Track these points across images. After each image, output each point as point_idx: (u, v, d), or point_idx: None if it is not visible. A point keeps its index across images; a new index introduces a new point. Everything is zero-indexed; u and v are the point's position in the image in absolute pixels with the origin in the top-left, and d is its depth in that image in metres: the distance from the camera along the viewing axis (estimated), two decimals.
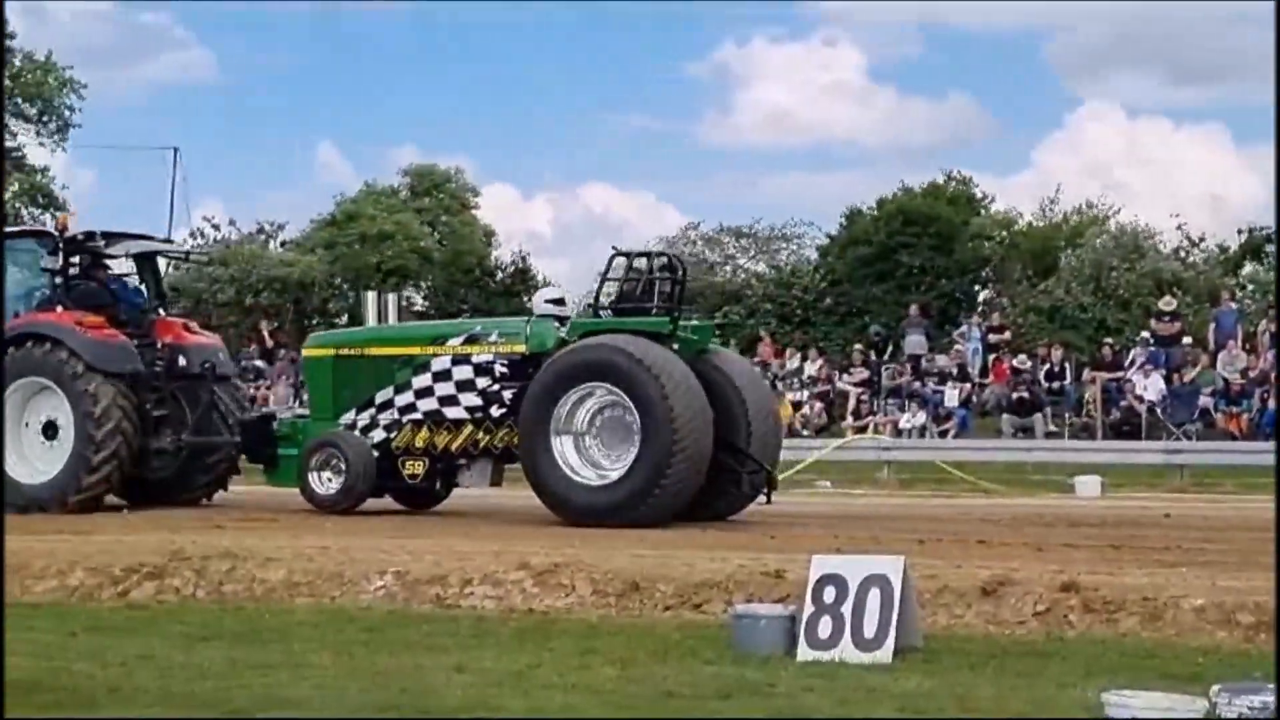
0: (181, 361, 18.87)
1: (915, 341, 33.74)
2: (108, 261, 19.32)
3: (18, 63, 45.66)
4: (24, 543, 14.29)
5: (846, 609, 9.46)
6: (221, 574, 12.70)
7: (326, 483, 17.44)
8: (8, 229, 19.83)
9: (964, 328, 34.52)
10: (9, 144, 46.78)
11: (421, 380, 17.27)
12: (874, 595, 9.45)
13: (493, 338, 17.15)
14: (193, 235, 45.77)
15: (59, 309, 18.36)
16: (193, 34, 73.27)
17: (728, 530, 15.40)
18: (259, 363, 35.59)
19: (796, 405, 31.62)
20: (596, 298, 17.44)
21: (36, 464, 18.09)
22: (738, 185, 66.14)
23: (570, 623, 11.08)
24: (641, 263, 17.31)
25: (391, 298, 19.84)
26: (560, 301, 18.08)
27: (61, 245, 18.67)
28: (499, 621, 11.20)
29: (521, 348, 16.87)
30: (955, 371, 32.16)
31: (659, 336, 16.23)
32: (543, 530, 15.23)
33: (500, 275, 48.71)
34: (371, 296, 19.69)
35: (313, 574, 12.54)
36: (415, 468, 17.42)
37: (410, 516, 17.64)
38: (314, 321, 44.83)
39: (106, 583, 12.78)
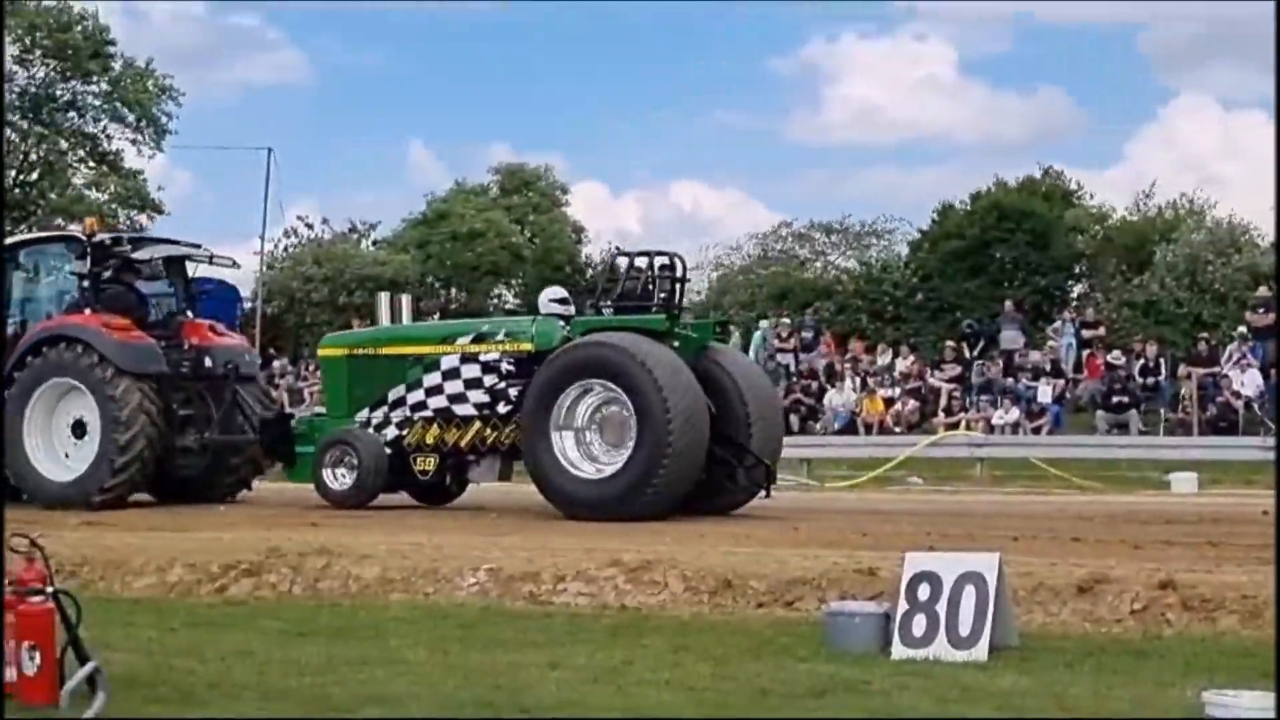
0: (208, 363, 19.22)
1: (1010, 337, 33.49)
2: (138, 266, 19.61)
3: (117, 68, 46.24)
4: (123, 539, 14.51)
5: (941, 607, 9.41)
6: (317, 570, 12.81)
7: (340, 479, 17.76)
8: (38, 234, 20.37)
9: (1058, 323, 34.23)
10: (107, 148, 47.46)
11: (432, 378, 17.63)
12: (969, 593, 9.40)
13: (499, 336, 17.58)
14: (287, 234, 46.33)
15: (87, 311, 18.75)
16: (285, 35, 74.05)
17: (819, 527, 15.35)
18: None
19: (888, 402, 31.47)
20: (598, 297, 17.87)
21: (66, 462, 18.50)
22: (827, 181, 66.04)
23: (663, 620, 11.08)
24: (644, 262, 17.50)
25: (405, 298, 20.18)
26: (565, 301, 18.29)
27: (89, 250, 19.01)
28: (592, 618, 11.22)
29: (528, 346, 17.25)
30: (1049, 367, 31.91)
31: (657, 334, 16.58)
32: (634, 526, 15.24)
33: (590, 273, 48.83)
34: (384, 297, 20.03)
35: (407, 570, 12.62)
36: (426, 464, 17.76)
37: (503, 513, 17.70)
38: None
39: (204, 579, 12.93)
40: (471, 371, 17.43)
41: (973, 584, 9.41)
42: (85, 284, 19.00)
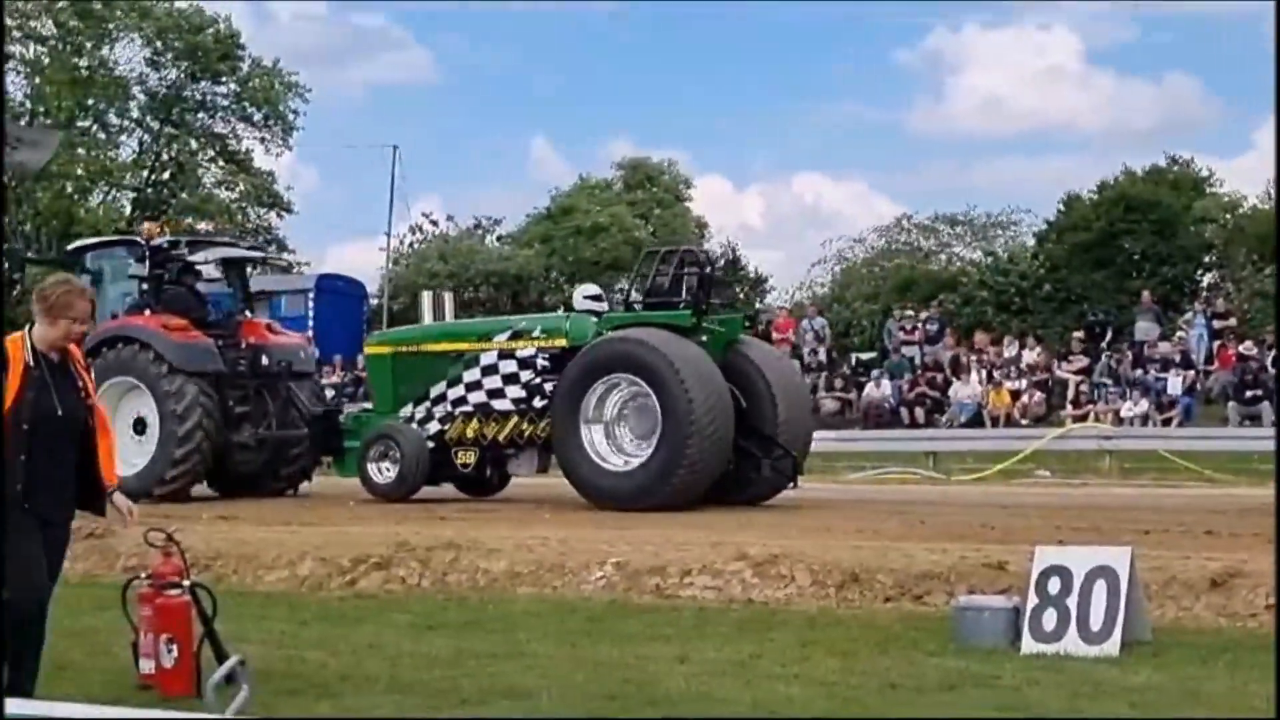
0: (264, 361, 19.76)
1: (1145, 328, 33.01)
2: (199, 268, 20.31)
3: (245, 68, 46.90)
4: (255, 534, 14.72)
5: (1072, 601, 9.32)
6: (446, 564, 12.92)
7: (384, 472, 18.31)
8: (103, 238, 21.33)
9: (1189, 314, 33.72)
10: (236, 147, 48.15)
11: (471, 374, 18.10)
12: (1100, 587, 9.30)
13: (535, 333, 18.05)
14: (412, 231, 46.75)
15: (147, 313, 19.41)
16: (410, 34, 74.67)
17: (946, 521, 15.25)
18: None
19: (1014, 394, 31.17)
20: (628, 294, 18.41)
21: (128, 458, 18.71)
22: (951, 173, 65.55)
23: (790, 614, 11.07)
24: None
25: (447, 296, 20.95)
26: (599, 298, 18.79)
27: (148, 253, 19.72)
28: (719, 612, 11.23)
29: (562, 342, 17.70)
30: (1178, 358, 31.44)
31: (682, 329, 17.00)
32: (760, 520, 15.23)
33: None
34: (427, 295, 20.59)
35: (534, 564, 12.70)
36: (467, 457, 18.23)
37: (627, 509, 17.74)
38: None
39: (335, 573, 13.10)
40: (509, 367, 17.91)
41: (1104, 578, 9.31)
42: (145, 286, 19.72)
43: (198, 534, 13.93)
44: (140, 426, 19.01)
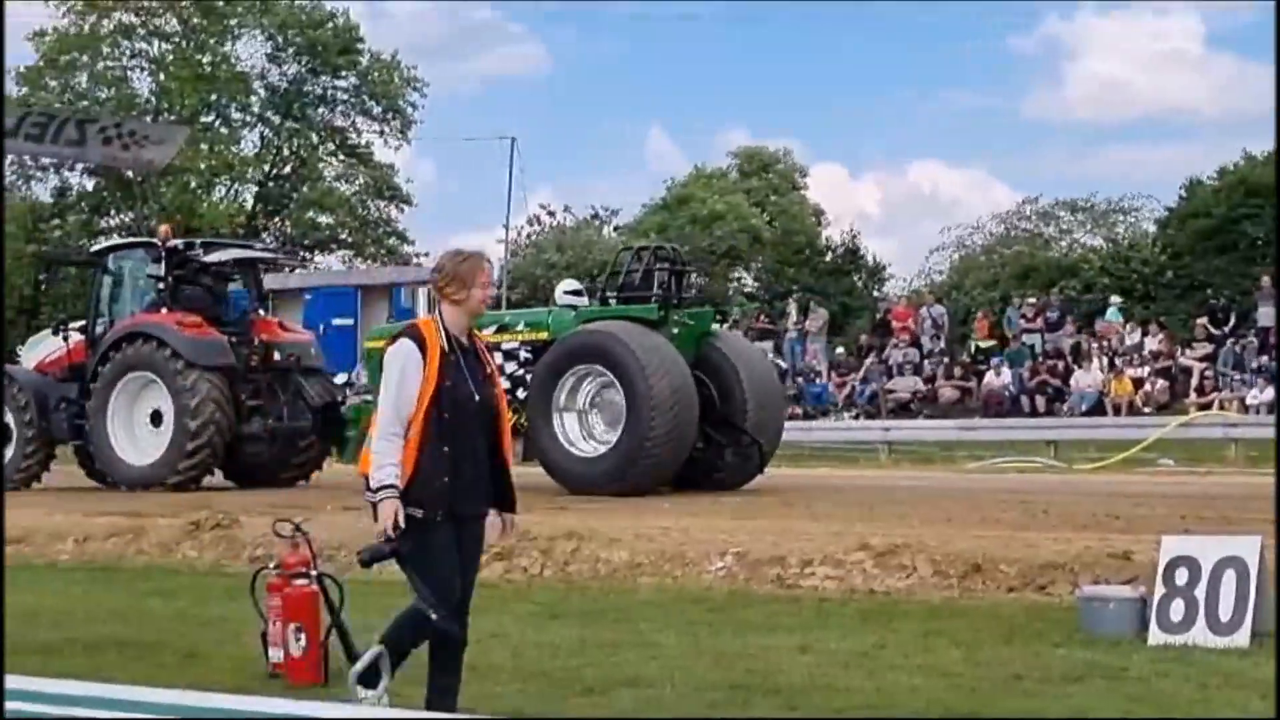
0: (275, 356, 20.75)
1: (1267, 314, 32.48)
2: (215, 268, 21.21)
3: (364, 62, 47.32)
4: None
5: (1200, 592, 9.21)
6: (566, 554, 12.99)
7: None
8: (120, 240, 22.74)
9: None
10: (356, 141, 48.63)
11: None
12: (1229, 577, 9.17)
13: (519, 327, 18.79)
14: (529, 222, 46.98)
15: (163, 310, 20.43)
16: (525, 27, 75.00)
17: (1069, 510, 15.09)
18: None
19: (1137, 382, 30.79)
20: (603, 289, 19.05)
21: (145, 449, 20.15)
22: (1069, 159, 64.87)
23: (911, 604, 11.02)
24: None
25: None
26: (579, 293, 19.41)
27: (164, 254, 20.74)
28: (840, 602, 11.20)
29: (544, 335, 18.35)
30: None
31: (650, 322, 17.71)
32: (880, 509, 15.16)
33: (830, 255, 48.66)
34: (422, 291, 21.57)
35: (654, 554, 12.73)
36: None
37: (748, 497, 17.73)
38: None
39: None
40: (495, 360, 18.02)
41: (1233, 568, 9.18)
42: (161, 285, 20.72)
43: (321, 524, 14.07)
44: (157, 419, 20.10)
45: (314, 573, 8.83)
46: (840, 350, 35.81)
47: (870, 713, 7.61)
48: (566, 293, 19.35)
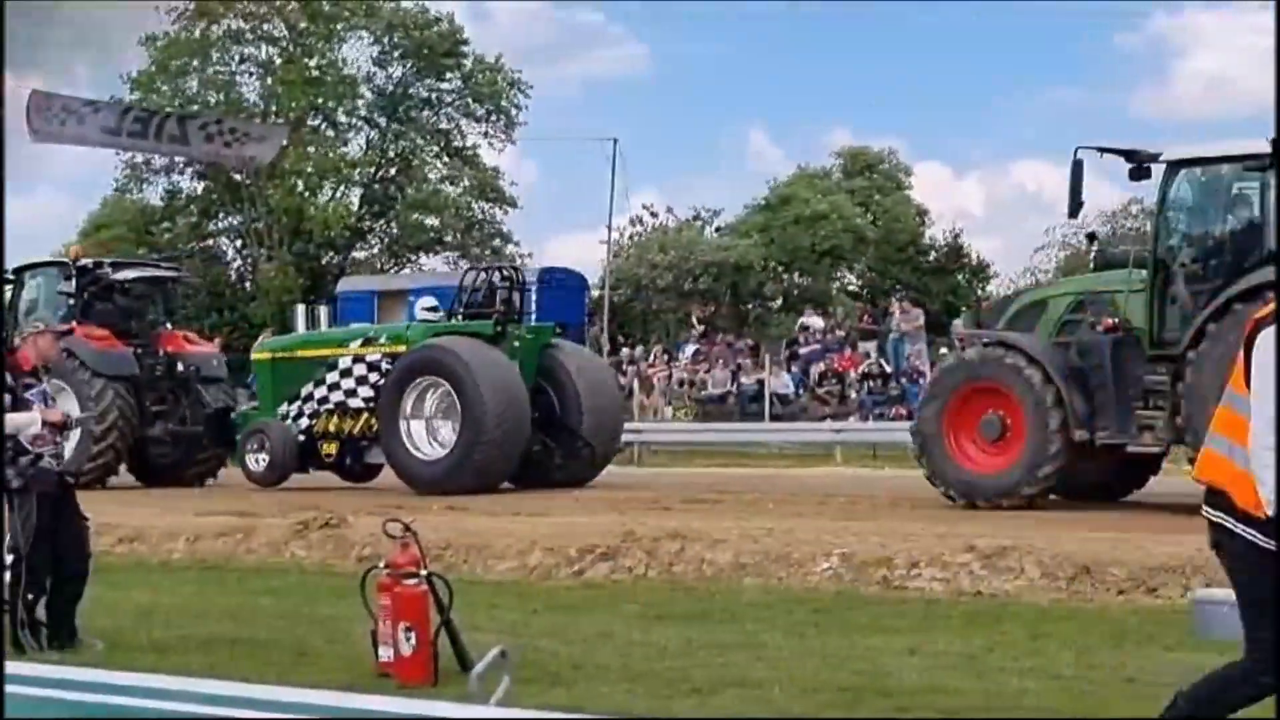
0: (180, 367, 22.76)
1: None
2: (126, 285, 23.12)
3: (469, 64, 47.54)
4: (484, 524, 14.96)
5: None
6: (671, 555, 12.99)
7: (259, 462, 20.71)
8: (33, 261, 23.91)
9: None
10: (461, 143, 48.87)
11: (332, 377, 20.45)
12: None
13: (381, 340, 20.39)
14: (632, 223, 46.99)
15: (74, 324, 21.41)
16: (626, 29, 75.08)
17: (1181, 512, 14.91)
18: (693, 345, 35.77)
19: None
20: (453, 306, 20.65)
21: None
22: None
23: (1020, 606, 10.94)
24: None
25: (323, 309, 24.49)
26: (436, 309, 20.79)
27: (74, 273, 22.58)
28: (948, 604, 11.15)
29: (403, 348, 19.82)
30: None
31: (487, 337, 19.50)
32: (987, 512, 15.05)
33: (934, 254, 48.35)
34: (301, 308, 24.07)
35: (760, 555, 12.71)
36: (330, 448, 20.65)
37: (853, 500, 17.65)
38: (749, 305, 45.35)
39: (562, 562, 13.24)
40: (360, 370, 20.19)
41: None
42: (71, 301, 22.44)
43: (427, 524, 14.16)
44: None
45: (424, 572, 8.89)
46: (944, 350, 35.49)
47: (981, 714, 7.56)
48: (425, 309, 20.88)
